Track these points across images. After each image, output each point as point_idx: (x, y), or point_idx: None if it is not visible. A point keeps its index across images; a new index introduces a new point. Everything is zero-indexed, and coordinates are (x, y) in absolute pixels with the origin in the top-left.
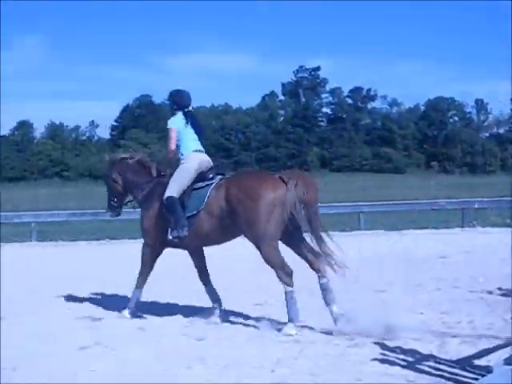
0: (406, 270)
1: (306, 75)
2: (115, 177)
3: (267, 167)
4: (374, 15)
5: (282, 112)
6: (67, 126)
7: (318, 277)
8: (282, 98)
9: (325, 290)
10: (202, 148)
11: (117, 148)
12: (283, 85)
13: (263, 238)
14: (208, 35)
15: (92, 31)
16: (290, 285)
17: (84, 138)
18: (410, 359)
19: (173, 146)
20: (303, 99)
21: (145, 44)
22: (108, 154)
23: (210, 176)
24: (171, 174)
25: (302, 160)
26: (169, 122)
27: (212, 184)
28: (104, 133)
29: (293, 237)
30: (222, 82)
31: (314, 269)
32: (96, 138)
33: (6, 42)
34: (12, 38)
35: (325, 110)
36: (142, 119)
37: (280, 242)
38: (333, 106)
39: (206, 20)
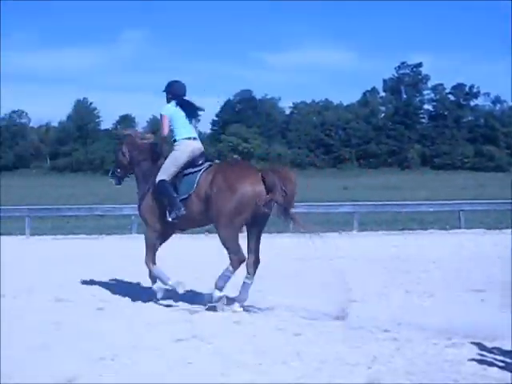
0: (506, 270)
1: (408, 71)
2: (124, 151)
3: (367, 164)
4: (476, 11)
5: (382, 108)
6: None
7: (247, 275)
8: (383, 94)
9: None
10: (195, 134)
11: (218, 143)
12: (384, 81)
13: (226, 225)
14: (309, 32)
15: (196, 27)
16: (235, 268)
17: None
18: (508, 360)
19: (164, 132)
20: (404, 96)
21: (247, 40)
22: (125, 130)
23: (200, 162)
24: (165, 159)
25: (403, 157)
26: (162, 109)
27: (201, 169)
28: (205, 127)
29: (252, 230)
30: (322, 78)
31: (247, 266)
32: (197, 132)
33: (111, 36)
34: (117, 32)
35: (426, 106)
36: (243, 114)
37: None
38: (434, 103)
39: (308, 17)
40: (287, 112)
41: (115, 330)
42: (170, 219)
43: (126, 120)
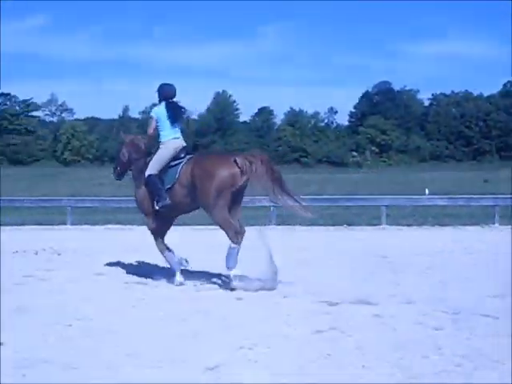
0: None
1: None
2: (124, 151)
3: (508, 156)
4: None
5: None
6: (306, 112)
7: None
8: None
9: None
10: (179, 135)
11: (355, 135)
12: None
13: (213, 206)
14: (450, 21)
15: (333, 20)
16: (235, 242)
17: (322, 124)
18: None
19: (150, 132)
20: None
21: (386, 31)
22: (124, 134)
23: (182, 155)
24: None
25: None
26: (152, 110)
27: (182, 162)
28: (343, 119)
29: (232, 207)
30: (462, 69)
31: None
32: (334, 124)
33: (249, 30)
34: (256, 26)
35: None
36: (381, 106)
37: None
38: None
39: (448, 6)
40: (426, 103)
41: (254, 319)
42: (157, 207)
43: (264, 112)
